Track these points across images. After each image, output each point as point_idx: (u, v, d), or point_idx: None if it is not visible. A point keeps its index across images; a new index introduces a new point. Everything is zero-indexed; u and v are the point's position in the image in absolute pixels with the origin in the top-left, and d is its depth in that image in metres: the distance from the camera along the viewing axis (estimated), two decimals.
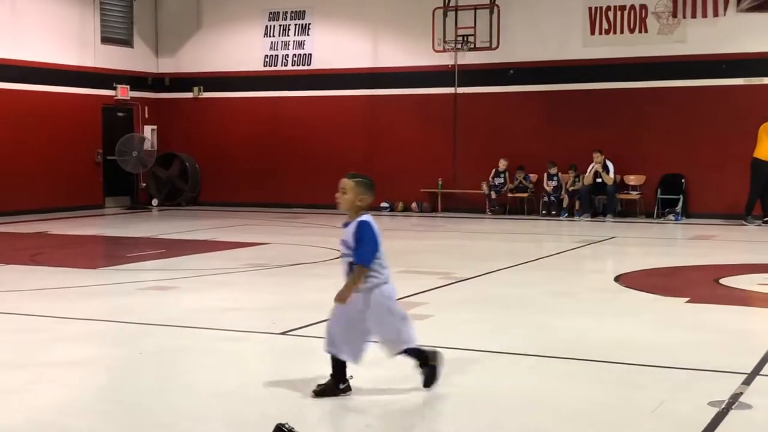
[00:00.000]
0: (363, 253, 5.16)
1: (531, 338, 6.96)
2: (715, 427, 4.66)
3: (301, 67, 21.32)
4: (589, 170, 18.24)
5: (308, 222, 17.58)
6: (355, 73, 20.73)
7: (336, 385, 5.25)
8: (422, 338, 6.63)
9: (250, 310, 8.28)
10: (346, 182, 5.29)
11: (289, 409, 5.01)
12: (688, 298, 8.69)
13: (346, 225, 5.30)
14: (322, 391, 5.24)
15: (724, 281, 9.80)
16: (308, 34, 21.23)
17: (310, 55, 21.21)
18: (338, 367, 5.27)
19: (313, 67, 21.19)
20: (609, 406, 5.16)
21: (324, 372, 5.27)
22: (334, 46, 20.88)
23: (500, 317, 7.90)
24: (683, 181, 18.11)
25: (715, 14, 17.66)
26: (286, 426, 2.97)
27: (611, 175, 18.15)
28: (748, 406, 5.01)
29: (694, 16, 17.82)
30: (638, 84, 18.52)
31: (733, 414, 4.89)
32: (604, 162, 18.17)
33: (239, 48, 21.80)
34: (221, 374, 5.89)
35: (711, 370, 5.92)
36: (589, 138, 18.48)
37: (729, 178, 17.49)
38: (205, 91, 22.21)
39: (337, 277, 5.37)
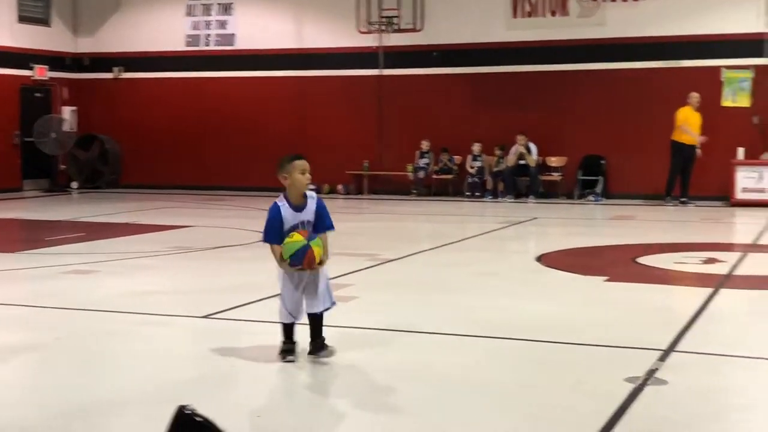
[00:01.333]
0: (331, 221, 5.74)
1: (454, 318, 7.03)
2: (631, 403, 4.77)
3: (224, 48, 21.09)
4: (512, 152, 18.44)
5: (231, 204, 17.43)
6: (279, 54, 20.58)
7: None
8: (348, 319, 6.66)
9: (172, 293, 8.19)
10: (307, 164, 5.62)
11: (209, 391, 4.99)
12: (607, 277, 8.87)
13: (298, 208, 5.57)
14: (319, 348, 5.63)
15: (641, 260, 10.02)
16: (231, 14, 20.99)
17: (233, 35, 20.98)
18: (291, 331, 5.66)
19: (236, 47, 20.97)
20: (529, 383, 5.24)
21: (247, 354, 5.24)
22: (257, 27, 20.69)
23: (424, 298, 7.95)
24: (603, 162, 18.43)
25: None
26: (188, 407, 2.94)
27: (534, 156, 18.38)
28: (664, 382, 5.15)
29: None
30: (560, 66, 18.74)
31: (648, 389, 5.01)
32: (527, 144, 18.38)
33: (160, 28, 21.45)
34: (143, 358, 5.83)
35: (628, 347, 6.06)
36: (512, 120, 18.67)
37: (648, 159, 17.83)
38: (126, 71, 21.82)
39: (259, 261, 5.35)
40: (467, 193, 19.04)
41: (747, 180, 16.98)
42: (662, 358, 5.66)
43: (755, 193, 16.86)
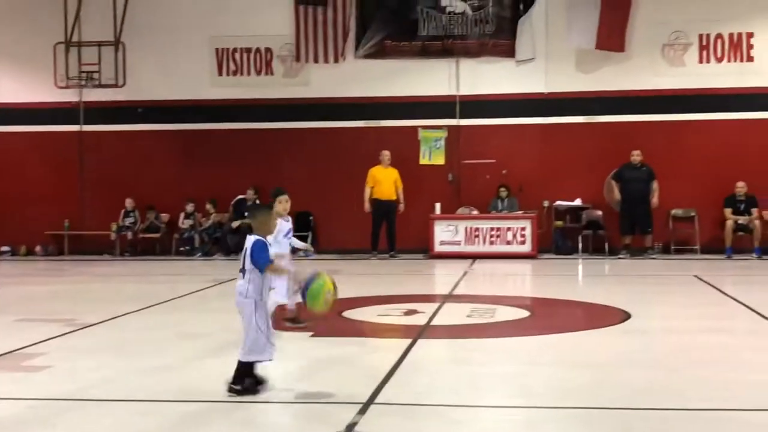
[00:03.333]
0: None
1: (147, 385, 6.76)
2: None
3: None
4: (231, 210, 18.45)
5: None
6: None
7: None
8: (35, 390, 6.23)
9: None
10: None
11: None
12: (312, 333, 8.95)
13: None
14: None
15: (347, 314, 10.22)
16: None
17: None
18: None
19: None
20: None
21: None
22: None
23: (121, 363, 7.61)
24: (311, 218, 18.78)
25: (336, 60, 18.62)
26: None
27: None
28: None
29: (316, 60, 18.67)
30: (267, 125, 19.01)
31: None
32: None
33: None
34: None
35: (329, 402, 6.11)
36: (224, 176, 18.63)
37: (354, 215, 18.33)
38: None
39: None
40: (182, 249, 18.68)
41: (444, 233, 17.94)
42: (362, 411, 5.76)
43: (451, 245, 17.85)
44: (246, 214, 7.18)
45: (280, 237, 8.76)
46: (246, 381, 6.23)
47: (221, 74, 19.11)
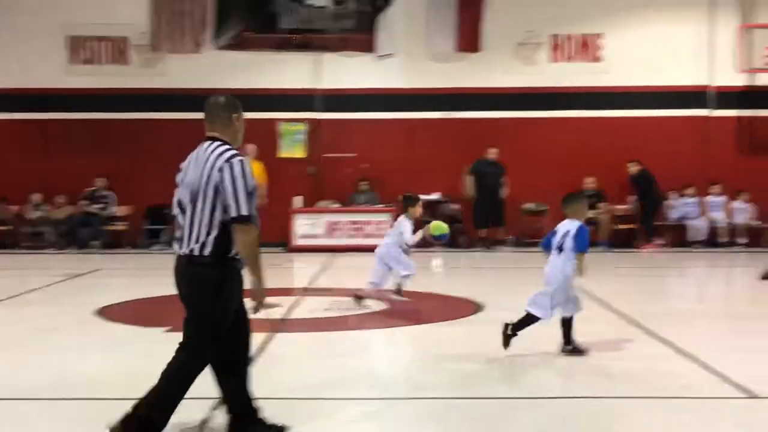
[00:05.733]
0: None
1: (3, 379, 6.58)
2: None
3: None
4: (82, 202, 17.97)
5: None
6: None
7: None
8: None
9: None
10: None
11: None
12: (169, 327, 8.83)
13: None
14: None
15: None
16: None
17: None
18: None
19: None
20: None
21: None
22: None
23: None
24: (168, 212, 18.45)
25: (194, 50, 18.33)
26: None
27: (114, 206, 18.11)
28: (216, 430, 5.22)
29: (174, 50, 18.33)
30: (123, 115, 18.59)
31: None
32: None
33: None
34: None
35: (187, 398, 6.06)
36: (76, 168, 18.11)
37: None
38: None
39: None
40: (27, 245, 18.06)
41: (304, 227, 17.97)
42: (215, 407, 5.74)
43: (311, 239, 17.90)
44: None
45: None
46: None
47: (75, 62, 18.54)
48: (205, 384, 6.33)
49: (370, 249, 17.54)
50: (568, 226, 7.53)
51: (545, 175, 18.35)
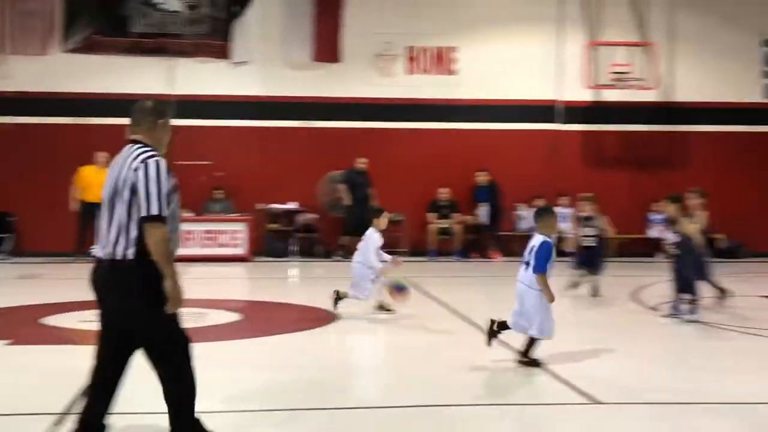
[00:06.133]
0: None
1: None
2: None
3: None
4: None
5: None
6: None
7: None
8: None
9: None
10: None
11: None
12: (10, 341, 8.43)
13: None
14: None
15: (47, 321, 9.72)
16: None
17: None
18: None
19: None
20: None
21: None
22: None
23: None
24: (11, 219, 17.67)
25: (41, 52, 17.63)
26: None
27: None
28: None
29: (20, 52, 17.57)
30: None
31: None
32: None
33: None
34: None
35: (26, 414, 5.78)
36: None
37: (62, 216, 17.28)
38: None
39: None
40: None
41: None
42: (58, 422, 5.48)
43: None
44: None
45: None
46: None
47: None
48: (43, 400, 6.07)
49: (224, 259, 17.51)
50: (534, 242, 7.50)
51: (401, 185, 18.52)
